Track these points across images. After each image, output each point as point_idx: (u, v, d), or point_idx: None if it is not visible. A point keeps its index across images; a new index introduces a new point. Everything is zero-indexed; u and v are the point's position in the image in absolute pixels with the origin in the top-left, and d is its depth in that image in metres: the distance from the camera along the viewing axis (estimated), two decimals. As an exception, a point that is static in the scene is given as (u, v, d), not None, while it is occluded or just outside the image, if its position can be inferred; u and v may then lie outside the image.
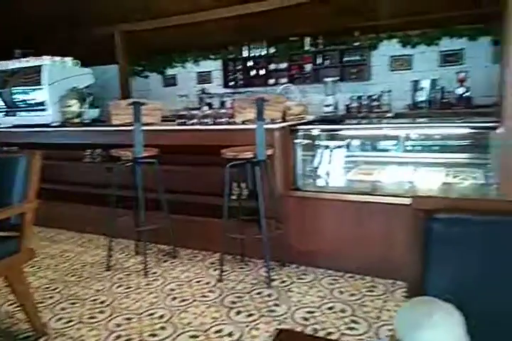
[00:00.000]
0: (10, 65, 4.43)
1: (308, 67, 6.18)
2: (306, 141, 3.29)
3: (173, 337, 2.20)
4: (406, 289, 1.07)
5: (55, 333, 2.29)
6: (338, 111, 5.91)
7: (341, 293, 2.62)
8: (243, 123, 2.96)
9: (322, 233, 2.97)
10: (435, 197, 1.06)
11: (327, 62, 6.09)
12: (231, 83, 6.79)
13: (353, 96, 5.80)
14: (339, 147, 3.57)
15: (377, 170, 3.37)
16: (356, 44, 5.84)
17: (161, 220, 3.18)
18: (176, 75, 7.38)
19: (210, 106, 6.05)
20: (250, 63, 6.58)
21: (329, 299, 2.55)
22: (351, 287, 2.70)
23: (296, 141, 3.13)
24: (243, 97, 2.91)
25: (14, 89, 4.34)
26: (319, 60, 6.12)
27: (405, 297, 1.04)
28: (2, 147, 4.35)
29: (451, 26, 5.35)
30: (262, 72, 6.50)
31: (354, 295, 2.59)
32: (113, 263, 3.25)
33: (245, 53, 6.54)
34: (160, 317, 2.42)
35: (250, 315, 2.40)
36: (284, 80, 6.09)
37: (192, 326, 2.31)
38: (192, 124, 3.41)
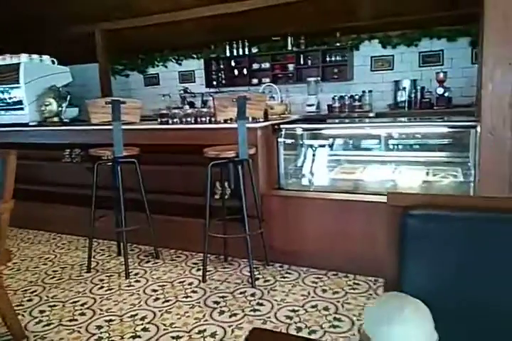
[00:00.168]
0: (-14, 63, 4.32)
1: (291, 67, 6.19)
2: (289, 140, 3.30)
3: (155, 338, 2.18)
4: (383, 286, 1.07)
5: (35, 336, 2.24)
6: (321, 110, 5.98)
7: (324, 291, 2.63)
8: (225, 122, 2.94)
9: (305, 232, 2.98)
10: (410, 194, 1.07)
11: (309, 62, 6.11)
12: (214, 82, 6.76)
13: (335, 96, 5.85)
14: (322, 146, 3.59)
15: (359, 169, 3.40)
16: (338, 44, 5.87)
17: (142, 220, 3.14)
18: (158, 74, 7.31)
19: (193, 105, 6.03)
20: (233, 63, 6.56)
21: (312, 297, 2.56)
22: (334, 285, 2.72)
23: (279, 140, 3.13)
24: (224, 96, 2.89)
25: (-10, 87, 4.24)
26: (302, 60, 6.14)
27: (385, 294, 1.05)
28: (-22, 147, 4.24)
29: (430, 27, 5.43)
30: (245, 72, 6.48)
31: (337, 293, 2.61)
32: (94, 264, 3.20)
33: (228, 53, 6.51)
34: (142, 318, 2.39)
35: (234, 315, 2.39)
36: (267, 80, 6.08)
37: (175, 327, 2.28)
38: (173, 123, 3.38)
